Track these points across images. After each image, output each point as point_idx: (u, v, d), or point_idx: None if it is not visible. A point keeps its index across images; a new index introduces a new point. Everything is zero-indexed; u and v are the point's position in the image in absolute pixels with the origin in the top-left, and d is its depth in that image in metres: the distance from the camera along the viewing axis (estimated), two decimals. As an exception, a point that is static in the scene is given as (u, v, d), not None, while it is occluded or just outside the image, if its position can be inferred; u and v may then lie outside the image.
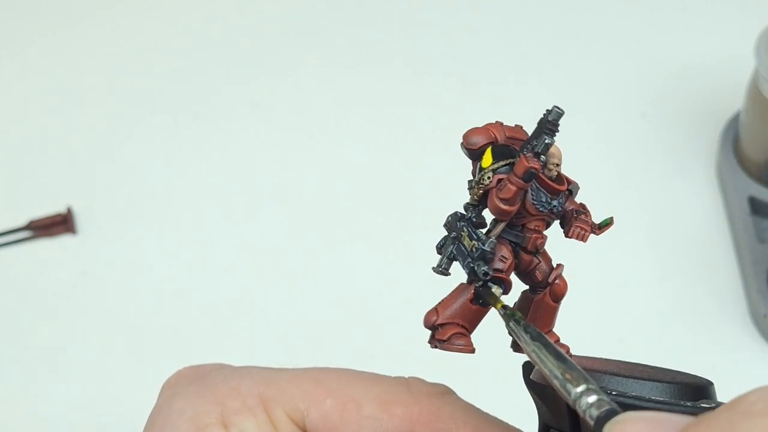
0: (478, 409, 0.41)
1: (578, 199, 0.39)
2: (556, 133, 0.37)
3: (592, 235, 0.38)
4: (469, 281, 0.38)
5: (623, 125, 0.89)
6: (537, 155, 0.36)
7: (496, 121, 0.38)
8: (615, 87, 0.91)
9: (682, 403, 0.35)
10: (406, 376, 0.41)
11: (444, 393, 0.41)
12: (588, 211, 0.38)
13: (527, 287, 0.39)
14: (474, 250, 0.37)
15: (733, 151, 0.83)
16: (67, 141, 0.91)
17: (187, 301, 0.81)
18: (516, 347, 0.39)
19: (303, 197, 0.86)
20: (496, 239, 0.37)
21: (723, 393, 0.37)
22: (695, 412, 0.35)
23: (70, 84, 0.95)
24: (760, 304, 0.75)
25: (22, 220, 0.85)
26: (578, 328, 0.41)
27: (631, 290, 0.79)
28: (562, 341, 0.39)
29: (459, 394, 0.42)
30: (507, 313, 0.37)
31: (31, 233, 0.85)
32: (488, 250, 0.37)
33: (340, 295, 0.80)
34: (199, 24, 0.99)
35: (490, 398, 0.44)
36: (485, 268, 0.37)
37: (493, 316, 0.39)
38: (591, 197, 0.39)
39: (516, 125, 0.38)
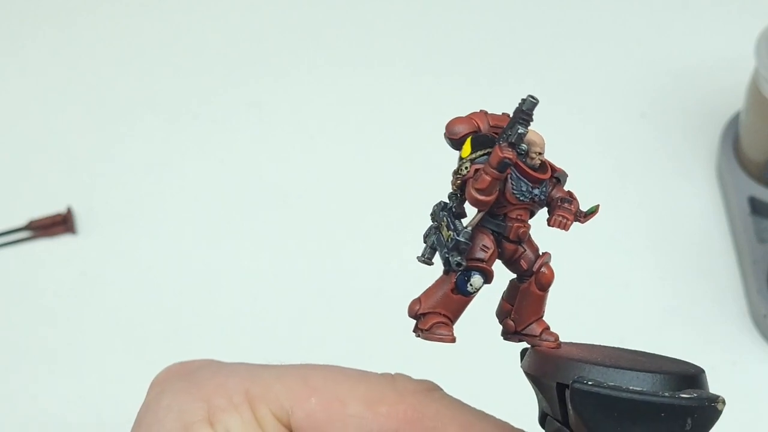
0: (465, 405, 0.41)
1: (579, 198, 0.38)
2: (530, 123, 0.36)
3: (577, 224, 0.38)
4: (445, 271, 0.38)
5: (623, 125, 0.89)
6: (512, 145, 0.36)
7: (481, 110, 0.38)
8: (615, 87, 0.91)
9: (660, 393, 0.35)
10: (392, 373, 0.41)
11: (430, 390, 0.41)
12: (575, 199, 0.38)
13: (515, 276, 0.39)
14: (449, 240, 0.37)
15: (733, 151, 0.83)
16: (67, 141, 0.91)
17: (187, 301, 0.81)
18: (507, 336, 0.39)
19: (303, 197, 0.86)
20: (472, 229, 0.37)
21: (722, 393, 0.36)
22: (674, 403, 0.35)
23: (69, 84, 0.95)
24: (760, 304, 0.75)
25: (22, 220, 0.85)
26: (578, 328, 0.41)
27: (631, 290, 0.79)
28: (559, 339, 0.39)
29: (450, 385, 0.42)
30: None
31: (31, 233, 0.85)
32: (462, 240, 0.37)
33: (339, 294, 0.80)
34: (198, 24, 0.99)
35: (482, 390, 0.44)
36: (458, 258, 0.37)
37: (479, 308, 0.39)
38: (590, 197, 0.39)
39: (503, 113, 0.38)
